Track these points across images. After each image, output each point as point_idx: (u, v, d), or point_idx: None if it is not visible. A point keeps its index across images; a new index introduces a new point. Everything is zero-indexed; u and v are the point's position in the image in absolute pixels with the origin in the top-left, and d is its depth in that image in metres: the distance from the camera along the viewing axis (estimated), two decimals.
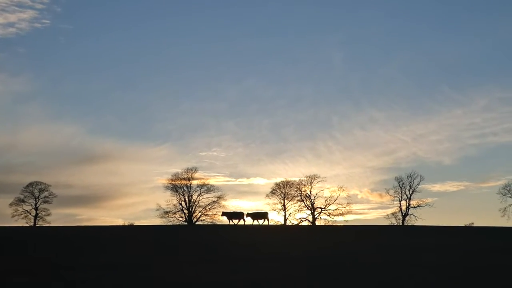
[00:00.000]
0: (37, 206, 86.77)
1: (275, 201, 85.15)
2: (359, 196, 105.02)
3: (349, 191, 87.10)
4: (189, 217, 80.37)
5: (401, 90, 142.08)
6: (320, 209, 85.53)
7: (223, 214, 70.86)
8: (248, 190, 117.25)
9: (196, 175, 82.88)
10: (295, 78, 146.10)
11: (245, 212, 69.72)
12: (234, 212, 70.82)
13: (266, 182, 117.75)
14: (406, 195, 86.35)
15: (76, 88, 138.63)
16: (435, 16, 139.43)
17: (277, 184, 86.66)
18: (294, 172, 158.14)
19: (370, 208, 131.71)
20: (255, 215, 68.91)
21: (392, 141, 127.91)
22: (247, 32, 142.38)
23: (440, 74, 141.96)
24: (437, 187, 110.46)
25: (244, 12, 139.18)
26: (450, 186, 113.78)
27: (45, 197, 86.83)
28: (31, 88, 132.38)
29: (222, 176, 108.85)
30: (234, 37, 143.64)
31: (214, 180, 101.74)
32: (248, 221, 68.38)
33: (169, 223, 78.37)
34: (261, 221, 68.39)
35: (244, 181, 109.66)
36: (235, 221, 68.56)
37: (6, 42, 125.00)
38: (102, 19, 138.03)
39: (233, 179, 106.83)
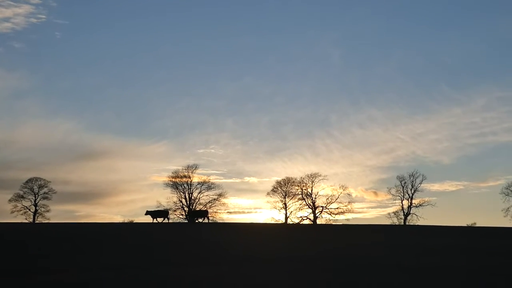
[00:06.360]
0: (36, 202, 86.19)
1: (276, 199, 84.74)
2: (353, 195, 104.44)
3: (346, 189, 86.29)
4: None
5: (400, 89, 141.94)
6: (321, 208, 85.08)
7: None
8: (247, 188, 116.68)
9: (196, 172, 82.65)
10: (293, 75, 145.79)
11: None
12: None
13: (264, 180, 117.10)
14: (408, 194, 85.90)
15: (73, 84, 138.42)
16: (433, 14, 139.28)
17: (278, 182, 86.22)
18: (292, 171, 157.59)
19: (368, 207, 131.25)
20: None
21: (391, 140, 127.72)
22: (245, 29, 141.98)
23: (439, 73, 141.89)
24: (436, 187, 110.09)
25: (242, 9, 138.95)
26: (449, 186, 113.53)
27: (44, 193, 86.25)
28: (28, 83, 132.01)
29: (219, 173, 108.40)
30: (232, 34, 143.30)
31: (212, 178, 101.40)
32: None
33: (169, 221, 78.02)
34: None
35: (242, 179, 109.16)
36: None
37: (2, 37, 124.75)
38: (99, 14, 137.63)
39: (230, 177, 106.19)
